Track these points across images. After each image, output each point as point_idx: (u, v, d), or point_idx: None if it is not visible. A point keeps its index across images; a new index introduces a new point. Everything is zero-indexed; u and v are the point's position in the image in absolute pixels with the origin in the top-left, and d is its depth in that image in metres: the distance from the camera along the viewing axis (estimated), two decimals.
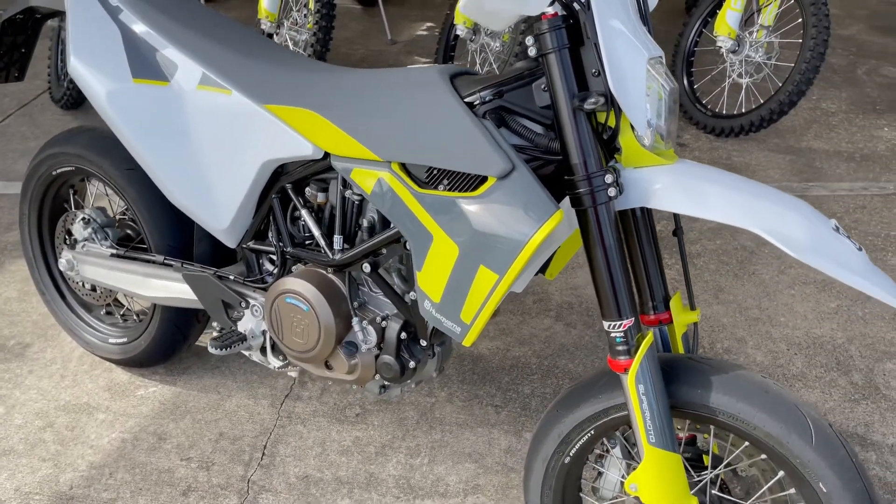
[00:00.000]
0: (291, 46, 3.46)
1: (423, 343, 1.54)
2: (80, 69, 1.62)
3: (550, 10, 1.16)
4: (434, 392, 2.11)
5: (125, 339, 2.05)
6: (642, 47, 1.16)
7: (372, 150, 1.37)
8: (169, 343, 1.99)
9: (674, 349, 1.41)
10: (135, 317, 2.14)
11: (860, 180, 3.15)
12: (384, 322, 1.54)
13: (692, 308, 1.41)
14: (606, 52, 1.13)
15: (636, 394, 1.23)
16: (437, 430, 1.99)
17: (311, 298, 1.52)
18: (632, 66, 1.15)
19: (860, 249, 1.16)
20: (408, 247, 1.41)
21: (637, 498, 1.32)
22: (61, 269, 1.99)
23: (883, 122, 3.67)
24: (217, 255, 1.83)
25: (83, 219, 1.93)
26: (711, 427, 1.35)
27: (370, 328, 1.54)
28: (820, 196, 3.04)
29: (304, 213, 1.56)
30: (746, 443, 1.33)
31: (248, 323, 1.69)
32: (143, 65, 1.61)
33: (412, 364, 1.54)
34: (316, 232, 1.55)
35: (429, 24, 4.88)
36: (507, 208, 1.19)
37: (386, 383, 1.67)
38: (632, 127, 1.19)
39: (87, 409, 2.03)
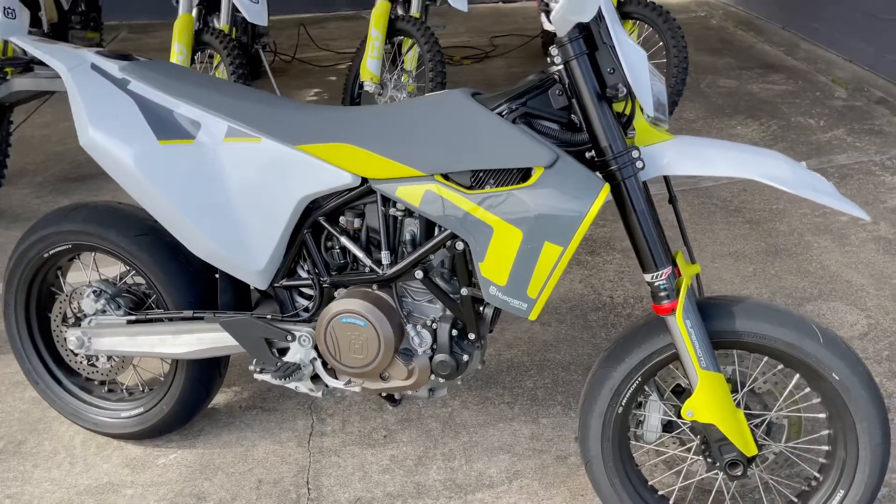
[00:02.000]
0: None
1: (472, 337, 1.71)
2: (100, 140, 1.68)
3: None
4: (448, 403, 2.25)
5: (141, 410, 2.04)
6: (640, 48, 1.45)
7: (414, 167, 1.55)
8: (192, 402, 2.01)
9: None
10: (141, 388, 2.13)
11: None
12: (434, 324, 1.70)
13: (693, 262, 1.69)
14: (622, 52, 1.40)
15: (685, 328, 1.48)
16: (463, 434, 2.13)
17: (368, 314, 1.65)
18: (638, 62, 1.43)
19: (828, 177, 1.49)
20: (457, 247, 1.59)
21: (695, 421, 1.55)
22: (71, 348, 1.96)
23: (734, 122, 4.29)
24: (240, 302, 1.90)
25: (94, 291, 1.93)
26: (734, 352, 1.61)
27: (424, 332, 1.69)
28: (709, 186, 3.52)
29: (343, 239, 1.70)
30: (763, 360, 1.61)
31: (297, 354, 1.78)
32: (166, 127, 1.70)
33: (465, 358, 1.71)
34: (360, 254, 1.69)
35: (316, 90, 5.08)
36: (562, 190, 1.42)
37: (433, 387, 1.81)
38: (642, 110, 1.46)
39: (112, 489, 1.99)
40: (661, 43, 3.70)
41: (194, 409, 2.04)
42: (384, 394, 1.85)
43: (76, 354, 2.05)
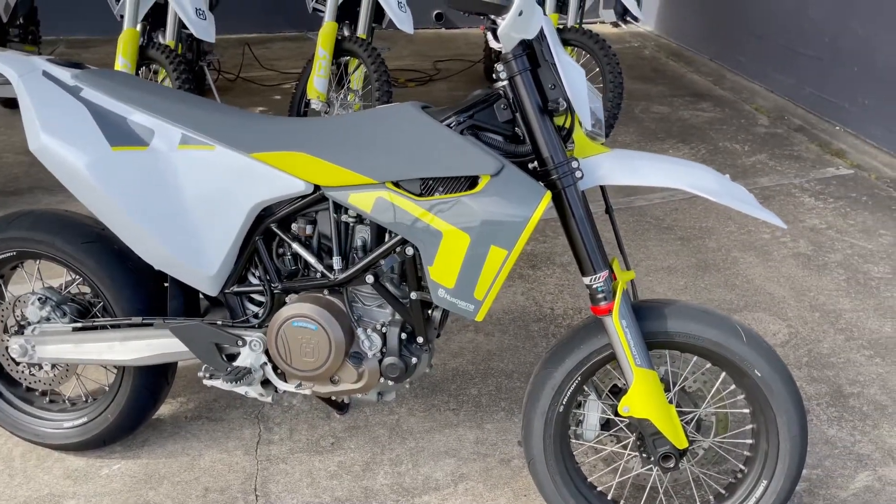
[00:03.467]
0: None
1: (420, 340, 1.77)
2: (53, 145, 1.69)
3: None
4: (394, 410, 2.30)
5: (85, 419, 2.02)
6: (579, 67, 1.56)
7: (366, 175, 1.61)
8: (138, 411, 2.00)
9: None
10: (84, 398, 2.11)
11: (667, 190, 3.85)
12: (384, 328, 1.75)
13: (627, 269, 1.80)
14: (562, 69, 1.51)
15: (621, 328, 1.58)
16: (409, 440, 2.18)
17: (319, 318, 1.70)
18: (577, 79, 1.54)
19: (750, 192, 1.62)
20: (407, 252, 1.66)
21: (631, 417, 1.65)
22: (13, 356, 1.93)
23: (667, 146, 4.50)
24: (189, 308, 1.92)
25: (39, 298, 1.92)
26: (666, 352, 1.72)
27: (374, 335, 1.74)
28: (643, 205, 3.69)
29: (295, 245, 1.75)
30: (693, 360, 1.72)
31: (248, 359, 1.80)
32: (119, 134, 1.72)
33: (414, 361, 1.77)
34: (312, 259, 1.74)
35: (260, 109, 5.09)
36: (507, 197, 1.50)
37: (381, 390, 1.86)
38: (580, 124, 1.57)
39: (53, 500, 1.96)
40: (597, 69, 3.88)
41: (140, 418, 2.03)
42: (336, 398, 1.89)
43: (17, 364, 2.02)
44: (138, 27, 3.52)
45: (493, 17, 1.47)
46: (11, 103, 4.78)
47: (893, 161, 4.19)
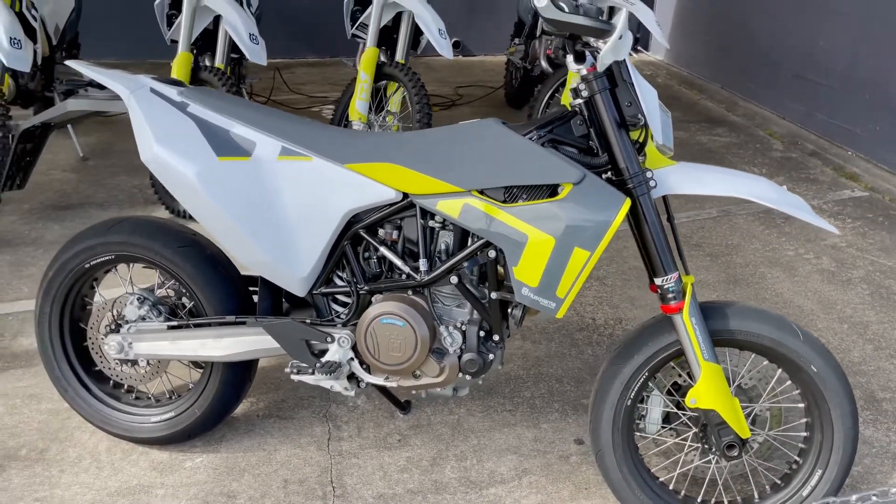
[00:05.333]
0: None
1: (497, 338, 1.91)
2: (165, 156, 1.84)
3: (588, 67, 1.68)
4: (454, 410, 2.43)
5: (172, 414, 2.14)
6: (651, 87, 1.72)
7: (454, 183, 1.76)
8: (223, 405, 2.13)
9: None
10: (168, 395, 2.23)
11: (694, 209, 4.01)
12: (464, 326, 1.89)
13: (687, 273, 1.94)
14: (639, 89, 1.67)
15: (691, 324, 1.72)
16: (471, 438, 2.31)
17: (406, 315, 1.84)
18: (651, 97, 1.70)
19: (804, 201, 1.78)
20: (489, 255, 1.80)
21: (697, 408, 1.78)
22: (110, 353, 2.07)
23: None
24: (276, 308, 2.06)
25: (138, 298, 2.05)
26: (726, 351, 1.86)
27: (455, 332, 1.88)
28: None
29: (382, 249, 1.89)
30: (751, 358, 1.86)
31: (336, 354, 1.94)
32: (224, 145, 1.87)
33: (490, 357, 1.90)
34: (398, 262, 1.88)
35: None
36: (590, 203, 1.65)
37: (457, 385, 2.00)
38: (652, 138, 1.73)
39: (143, 490, 2.07)
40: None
41: (224, 413, 2.16)
42: (402, 398, 2.01)
43: (110, 361, 2.15)
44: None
45: (594, 40, 1.62)
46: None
47: None
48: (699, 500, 1.95)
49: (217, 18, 3.83)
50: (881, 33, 4.65)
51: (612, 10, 1.65)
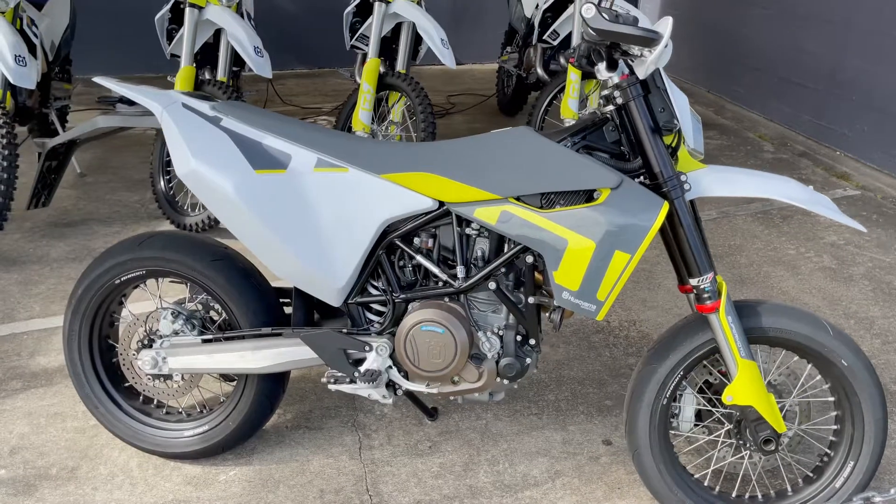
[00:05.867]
0: None
1: (533, 342, 1.94)
2: (203, 170, 1.85)
3: (619, 76, 1.73)
4: (481, 416, 2.45)
5: (206, 428, 2.14)
6: (682, 93, 1.77)
7: (491, 191, 1.80)
8: (257, 417, 2.13)
9: None
10: (199, 408, 2.23)
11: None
12: (500, 331, 1.92)
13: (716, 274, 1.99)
14: (672, 95, 1.72)
15: (727, 323, 1.76)
16: (501, 442, 2.33)
17: (446, 322, 1.86)
18: (683, 103, 1.75)
19: (831, 200, 1.83)
20: (527, 260, 1.84)
21: (734, 405, 1.82)
22: (144, 369, 2.06)
23: None
24: (310, 319, 2.07)
25: (172, 313, 2.05)
26: (757, 348, 1.91)
27: (493, 337, 1.91)
28: None
29: (419, 257, 1.91)
30: (781, 355, 1.91)
31: (375, 363, 1.95)
32: (260, 158, 1.89)
33: (527, 361, 1.93)
34: (436, 269, 1.91)
35: None
36: (629, 207, 1.69)
37: (493, 390, 2.02)
38: (684, 142, 1.77)
39: None
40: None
41: (258, 424, 2.16)
42: (448, 401, 2.03)
43: (142, 376, 2.14)
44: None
45: (637, 49, 1.66)
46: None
47: (895, 182, 4.48)
48: (734, 495, 1.99)
49: (217, 32, 3.83)
50: (864, 39, 4.77)
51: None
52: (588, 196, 1.76)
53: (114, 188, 4.36)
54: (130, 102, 1.99)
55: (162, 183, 3.77)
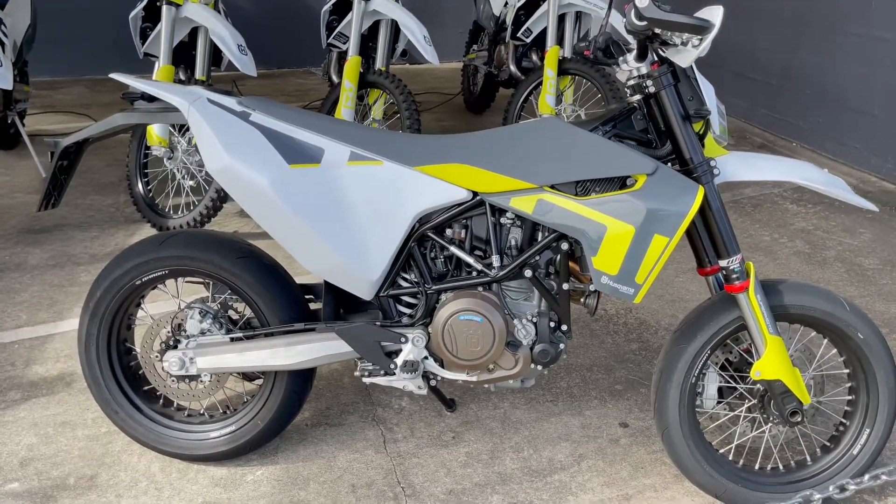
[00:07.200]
0: (187, 168, 3.61)
1: (565, 328, 1.98)
2: (236, 165, 1.82)
3: (650, 65, 1.79)
4: (498, 405, 2.48)
5: (233, 428, 2.11)
6: (709, 83, 1.85)
7: (526, 180, 1.83)
8: (286, 414, 2.11)
9: None
10: (221, 409, 2.20)
11: None
12: (534, 318, 1.96)
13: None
14: (701, 83, 1.79)
15: (756, 301, 1.84)
16: (522, 429, 2.37)
17: (483, 310, 1.89)
18: (710, 91, 1.82)
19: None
20: (562, 247, 1.88)
21: (762, 380, 1.91)
22: (171, 370, 2.02)
23: None
24: (338, 314, 2.07)
25: (199, 312, 2.02)
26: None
27: (528, 324, 1.94)
28: None
29: (452, 248, 1.93)
30: (799, 332, 2.01)
31: (411, 354, 1.96)
32: (293, 153, 1.87)
33: (561, 346, 1.98)
34: (470, 259, 1.93)
35: None
36: (666, 192, 1.75)
37: (524, 376, 2.06)
38: (711, 129, 1.85)
39: None
40: (599, 95, 4.23)
41: (286, 422, 2.14)
42: (483, 388, 2.05)
43: (166, 378, 2.10)
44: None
45: (677, 37, 1.71)
46: (6, 143, 4.71)
47: (851, 171, 4.71)
48: (756, 467, 2.08)
49: (193, 30, 3.76)
50: (817, 35, 5.01)
51: None
52: (622, 183, 1.81)
53: (84, 192, 4.23)
54: (151, 98, 1.94)
55: (140, 185, 3.68)
